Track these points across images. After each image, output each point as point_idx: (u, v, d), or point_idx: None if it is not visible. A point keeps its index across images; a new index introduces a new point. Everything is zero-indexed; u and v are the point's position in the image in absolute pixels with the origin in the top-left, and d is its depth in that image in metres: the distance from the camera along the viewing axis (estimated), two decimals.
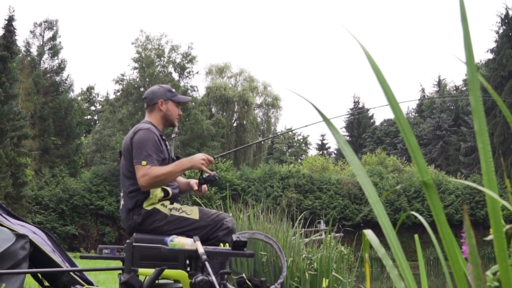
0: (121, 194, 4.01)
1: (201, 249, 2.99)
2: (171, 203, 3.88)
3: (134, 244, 3.44)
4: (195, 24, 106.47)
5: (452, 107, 59.61)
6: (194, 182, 4.29)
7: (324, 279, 5.75)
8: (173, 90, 4.32)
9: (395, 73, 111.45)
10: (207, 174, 4.04)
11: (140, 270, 3.37)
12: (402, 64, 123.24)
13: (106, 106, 48.60)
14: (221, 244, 3.42)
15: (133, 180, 3.86)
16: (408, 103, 72.68)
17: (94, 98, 62.38)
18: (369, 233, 1.27)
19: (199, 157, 3.95)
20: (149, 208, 3.78)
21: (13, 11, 30.28)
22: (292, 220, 7.68)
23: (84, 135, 49.88)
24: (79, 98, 56.67)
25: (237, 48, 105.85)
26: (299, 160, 67.04)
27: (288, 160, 64.92)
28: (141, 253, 3.42)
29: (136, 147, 3.84)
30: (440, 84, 66.63)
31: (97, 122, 54.49)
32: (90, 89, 61.88)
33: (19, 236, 4.26)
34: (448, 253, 1.07)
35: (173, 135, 3.96)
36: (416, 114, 66.54)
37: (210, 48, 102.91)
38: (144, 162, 3.74)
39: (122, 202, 3.97)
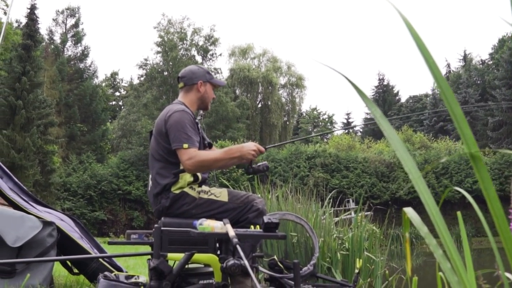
0: (150, 177, 3.91)
1: (231, 232, 2.89)
2: (199, 186, 3.77)
3: (162, 228, 3.36)
4: (217, 6, 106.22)
5: (478, 82, 58.83)
6: None
7: (357, 259, 5.62)
8: (210, 72, 4.20)
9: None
10: (258, 164, 3.85)
11: (170, 255, 3.29)
12: (427, 39, 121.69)
13: (130, 91, 48.82)
14: (252, 226, 3.31)
15: (162, 163, 3.77)
16: (433, 80, 71.65)
17: (118, 84, 62.61)
18: (409, 211, 1.19)
19: (249, 148, 3.75)
20: (177, 191, 3.68)
21: None
22: (320, 199, 7.59)
23: (109, 120, 50.14)
24: (104, 84, 56.94)
25: (260, 29, 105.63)
26: (325, 140, 66.82)
27: (314, 139, 64.76)
28: (170, 238, 3.34)
29: (174, 129, 3.70)
30: (466, 58, 65.80)
31: (122, 107, 54.73)
32: (114, 74, 62.07)
33: (46, 223, 4.22)
34: (499, 228, 1.03)
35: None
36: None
37: (232, 29, 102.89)
38: (185, 145, 3.62)
39: (150, 185, 3.88)
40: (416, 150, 42.91)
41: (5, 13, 30.60)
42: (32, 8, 29.17)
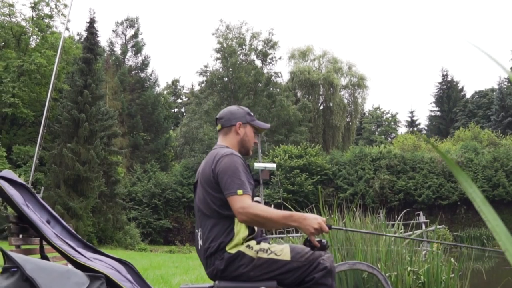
0: (199, 233, 3.49)
1: None
2: (258, 243, 3.33)
3: None
4: (274, 9, 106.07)
5: None
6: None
7: None
8: (252, 114, 3.73)
9: (484, 40, 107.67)
10: (317, 239, 3.24)
11: None
12: (492, 30, 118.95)
13: (192, 98, 49.13)
14: None
15: (214, 219, 3.34)
16: (500, 72, 69.79)
17: (179, 91, 63.16)
18: None
19: (312, 223, 3.21)
20: (233, 251, 3.25)
21: (94, 13, 30.55)
22: (385, 201, 7.10)
23: (172, 128, 50.50)
24: (165, 92, 57.50)
25: (318, 30, 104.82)
26: (389, 139, 65.74)
27: (377, 139, 63.79)
28: None
29: (225, 175, 3.29)
30: None
31: (184, 114, 55.07)
32: (175, 82, 62.65)
33: (94, 278, 3.89)
34: None
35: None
36: (509, 84, 63.81)
37: (290, 32, 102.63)
38: (240, 191, 3.20)
39: (200, 243, 3.45)
40: (484, 148, 41.58)
41: (64, 26, 31.00)
42: (91, 22, 29.44)
